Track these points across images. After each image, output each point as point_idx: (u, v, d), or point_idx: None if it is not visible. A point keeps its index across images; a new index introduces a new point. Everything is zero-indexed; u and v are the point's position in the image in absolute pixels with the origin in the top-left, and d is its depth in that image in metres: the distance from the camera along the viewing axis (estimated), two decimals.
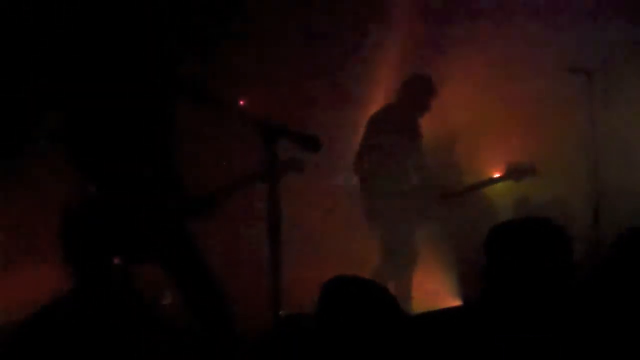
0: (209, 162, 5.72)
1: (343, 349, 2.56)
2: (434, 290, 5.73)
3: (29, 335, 3.09)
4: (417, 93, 5.61)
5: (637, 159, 5.69)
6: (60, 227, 3.53)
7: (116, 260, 3.59)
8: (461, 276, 5.79)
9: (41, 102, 4.83)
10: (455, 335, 2.61)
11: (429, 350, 2.59)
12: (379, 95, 6.17)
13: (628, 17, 6.06)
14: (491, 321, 2.59)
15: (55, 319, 3.12)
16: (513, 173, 5.58)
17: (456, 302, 5.52)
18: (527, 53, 5.91)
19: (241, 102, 5.61)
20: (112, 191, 3.95)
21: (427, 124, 5.75)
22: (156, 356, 3.23)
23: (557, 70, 5.46)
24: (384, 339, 2.56)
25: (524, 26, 6.07)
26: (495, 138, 6.04)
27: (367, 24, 6.43)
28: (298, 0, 6.45)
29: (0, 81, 5.23)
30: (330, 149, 5.90)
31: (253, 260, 5.50)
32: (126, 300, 3.34)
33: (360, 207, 5.62)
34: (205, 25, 5.94)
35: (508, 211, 5.96)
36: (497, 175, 5.71)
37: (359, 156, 5.66)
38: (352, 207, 5.85)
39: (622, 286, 2.70)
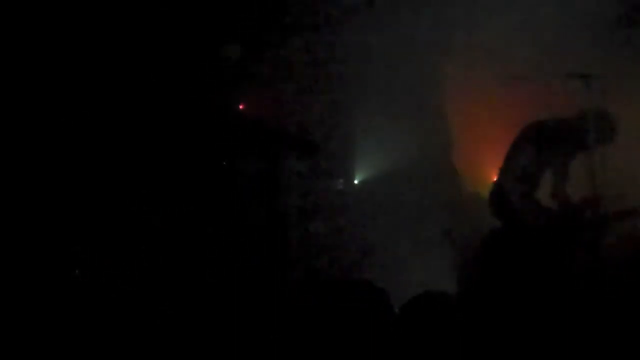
0: None
1: None
2: None
3: None
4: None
5: (636, 164, 5.69)
6: None
7: None
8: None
9: None
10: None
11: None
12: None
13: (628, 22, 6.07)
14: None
15: None
16: None
17: None
18: (526, 58, 5.91)
19: (241, 106, 5.64)
20: None
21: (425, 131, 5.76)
22: None
23: (555, 76, 5.48)
24: None
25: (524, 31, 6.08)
26: (492, 144, 6.04)
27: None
28: None
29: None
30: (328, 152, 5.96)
31: None
32: None
33: None
34: None
35: None
36: None
37: None
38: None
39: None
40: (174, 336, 3.86)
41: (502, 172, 5.42)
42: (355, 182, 6.43)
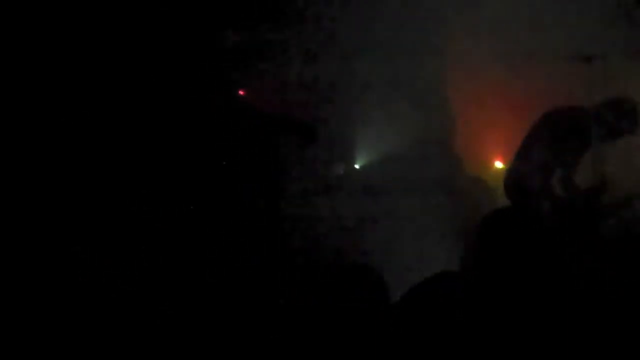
0: None
1: None
2: None
3: None
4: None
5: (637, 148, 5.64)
6: None
7: None
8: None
9: None
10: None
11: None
12: None
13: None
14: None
15: None
16: None
17: None
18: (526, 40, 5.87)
19: (241, 92, 5.61)
20: None
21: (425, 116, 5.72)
22: None
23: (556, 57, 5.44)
24: None
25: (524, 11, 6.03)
26: (494, 127, 6.01)
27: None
28: None
29: None
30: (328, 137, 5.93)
31: None
32: None
33: None
34: None
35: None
36: None
37: None
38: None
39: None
40: (174, 336, 3.85)
41: (519, 158, 5.35)
42: (356, 166, 6.41)
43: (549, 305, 2.53)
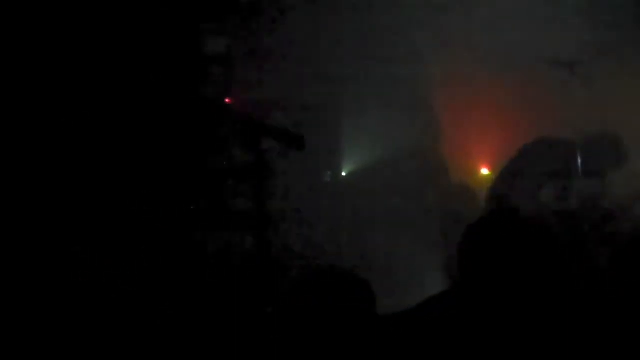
0: None
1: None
2: None
3: None
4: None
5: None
6: None
7: None
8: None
9: None
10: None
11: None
12: None
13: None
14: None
15: None
16: None
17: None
18: (508, 45, 5.90)
19: (227, 100, 5.62)
20: None
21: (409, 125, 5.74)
22: None
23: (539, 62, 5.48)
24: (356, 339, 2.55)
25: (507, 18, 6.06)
26: (477, 134, 6.04)
27: None
28: None
29: None
30: (315, 146, 5.95)
31: None
32: None
33: None
34: None
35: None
36: None
37: None
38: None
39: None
40: (173, 336, 3.86)
41: (504, 177, 5.35)
42: (343, 174, 6.43)
43: (541, 309, 2.53)
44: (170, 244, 4.15)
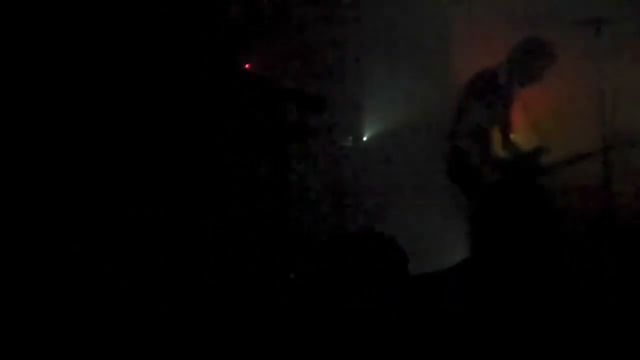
0: None
1: None
2: None
3: None
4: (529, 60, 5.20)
5: None
6: None
7: None
8: None
9: None
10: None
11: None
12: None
13: None
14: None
15: None
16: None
17: None
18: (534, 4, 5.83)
19: (247, 66, 5.58)
20: None
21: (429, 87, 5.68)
22: None
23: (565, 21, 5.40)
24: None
25: None
26: None
27: None
28: None
29: None
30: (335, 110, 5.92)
31: None
32: None
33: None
34: None
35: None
36: None
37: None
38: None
39: None
40: (173, 336, 3.84)
41: (456, 134, 5.29)
42: (364, 138, 6.39)
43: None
44: (170, 244, 4.12)
